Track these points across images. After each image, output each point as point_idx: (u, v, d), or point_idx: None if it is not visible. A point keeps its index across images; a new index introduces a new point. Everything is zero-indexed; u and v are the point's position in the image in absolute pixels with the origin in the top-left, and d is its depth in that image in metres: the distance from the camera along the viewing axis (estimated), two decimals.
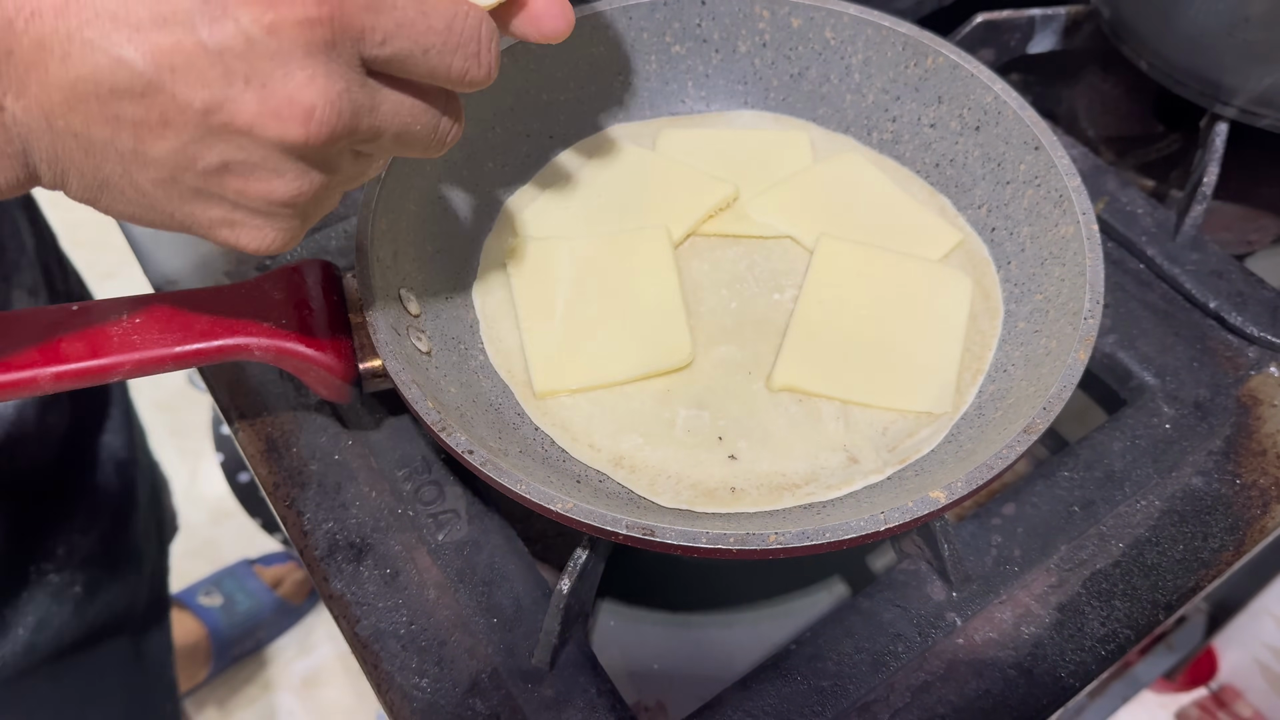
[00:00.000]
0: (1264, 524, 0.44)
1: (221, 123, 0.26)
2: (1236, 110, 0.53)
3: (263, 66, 0.26)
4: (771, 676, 0.40)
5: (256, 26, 0.25)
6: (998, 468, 0.35)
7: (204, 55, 0.25)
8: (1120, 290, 0.51)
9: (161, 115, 0.26)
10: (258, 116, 0.26)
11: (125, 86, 0.25)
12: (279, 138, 0.27)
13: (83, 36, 0.24)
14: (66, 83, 0.25)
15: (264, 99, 0.26)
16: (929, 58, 0.49)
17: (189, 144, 0.26)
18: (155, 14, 0.25)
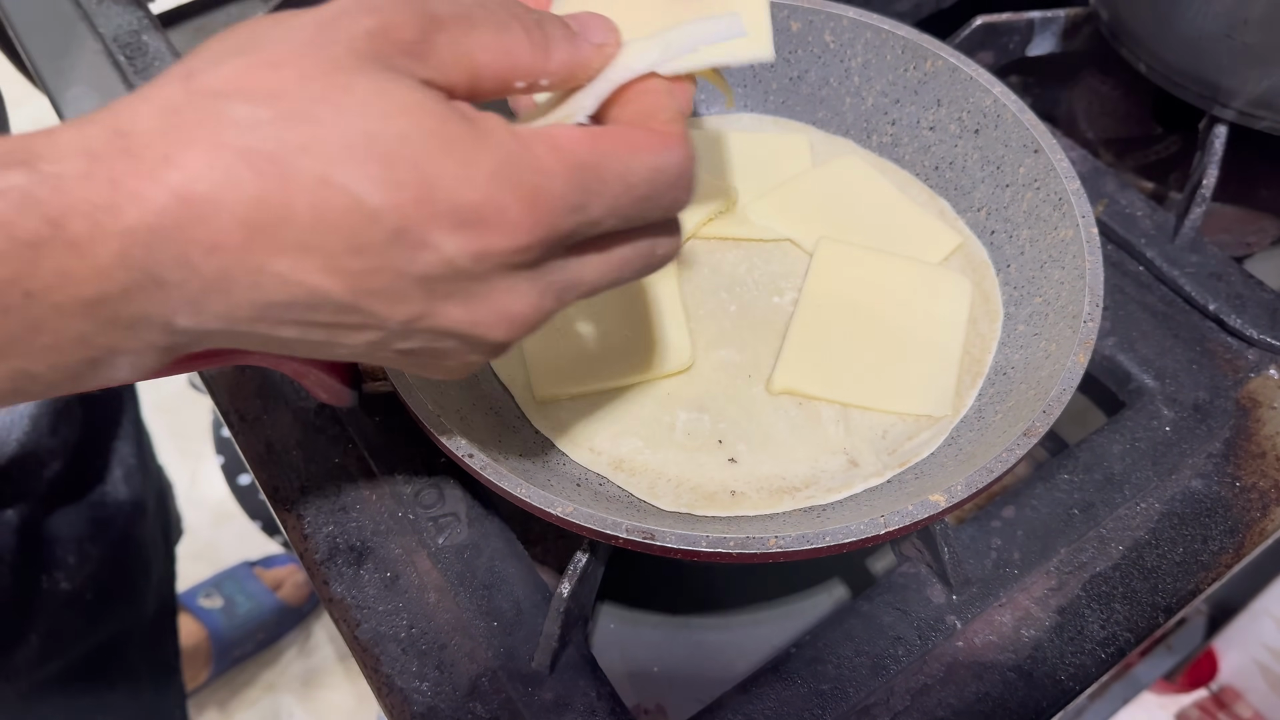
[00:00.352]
0: (1263, 526, 0.44)
1: (423, 328, 0.25)
2: (1235, 112, 0.53)
3: (467, 287, 0.24)
4: (771, 680, 0.40)
5: (463, 256, 0.24)
6: (997, 471, 0.35)
7: (404, 280, 0.24)
8: (1119, 293, 0.51)
9: (359, 323, 0.24)
10: (462, 323, 0.25)
11: (324, 306, 0.24)
12: (483, 340, 0.26)
13: (273, 269, 0.22)
14: (258, 305, 0.23)
15: (470, 311, 0.25)
16: (928, 61, 0.49)
17: (387, 340, 0.25)
18: (349, 244, 0.23)
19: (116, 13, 0.63)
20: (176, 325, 0.23)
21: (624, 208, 0.26)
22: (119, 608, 0.62)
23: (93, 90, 0.60)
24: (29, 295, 0.21)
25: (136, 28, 0.63)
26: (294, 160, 0.22)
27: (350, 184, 0.22)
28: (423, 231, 0.23)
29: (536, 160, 0.24)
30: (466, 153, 0.23)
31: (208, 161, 0.22)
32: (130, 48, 0.61)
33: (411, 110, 0.23)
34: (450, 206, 0.23)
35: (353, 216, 0.22)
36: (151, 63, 0.61)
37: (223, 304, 0.23)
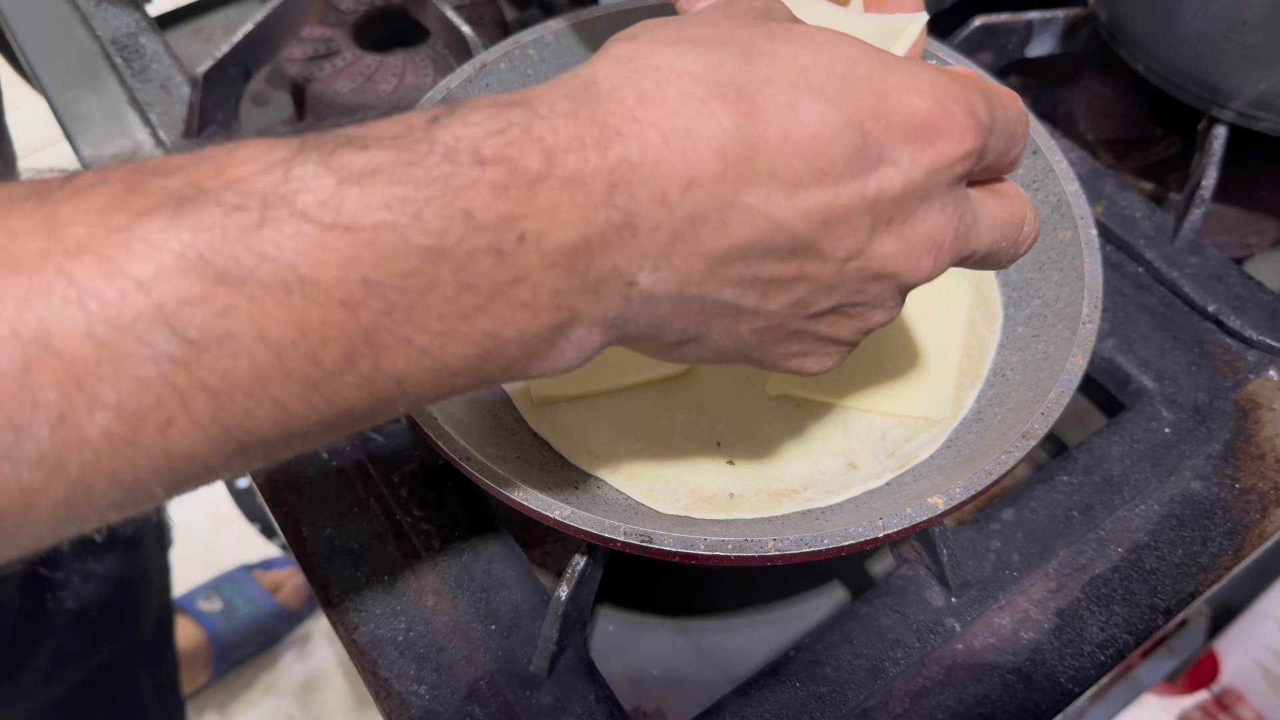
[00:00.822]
0: (1263, 528, 0.43)
1: (856, 268, 0.25)
2: (1234, 113, 0.53)
3: (909, 206, 0.25)
4: (770, 683, 0.40)
5: (916, 168, 0.24)
6: (996, 473, 0.35)
7: (859, 204, 0.24)
8: (1119, 294, 0.51)
9: (800, 269, 0.25)
10: (893, 258, 0.25)
11: (777, 247, 0.24)
12: (909, 275, 0.26)
13: (743, 202, 0.23)
14: (718, 251, 0.23)
15: (904, 239, 0.25)
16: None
17: (812, 293, 0.25)
18: (814, 168, 0.23)
19: (114, 15, 0.63)
20: (637, 285, 0.23)
21: (1009, 136, 0.27)
22: (123, 625, 0.62)
23: (90, 92, 0.60)
24: (521, 238, 0.20)
25: (134, 30, 0.63)
26: (761, 89, 0.23)
27: (815, 104, 0.23)
28: (881, 145, 0.24)
29: (956, 77, 0.26)
30: (904, 68, 0.25)
31: (680, 97, 0.22)
32: (128, 50, 0.61)
33: (844, 41, 0.25)
34: (904, 116, 0.24)
35: (819, 136, 0.23)
36: (149, 64, 0.61)
37: (686, 253, 0.23)
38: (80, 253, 0.17)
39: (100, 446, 0.17)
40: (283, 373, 0.19)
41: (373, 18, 0.68)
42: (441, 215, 0.20)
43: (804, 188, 0.23)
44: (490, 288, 0.21)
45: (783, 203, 0.23)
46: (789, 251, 0.24)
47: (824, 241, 0.24)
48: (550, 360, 0.23)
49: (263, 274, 0.18)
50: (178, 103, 0.58)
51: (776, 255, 0.24)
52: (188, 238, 0.18)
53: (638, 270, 0.23)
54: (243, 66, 0.59)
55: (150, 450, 0.18)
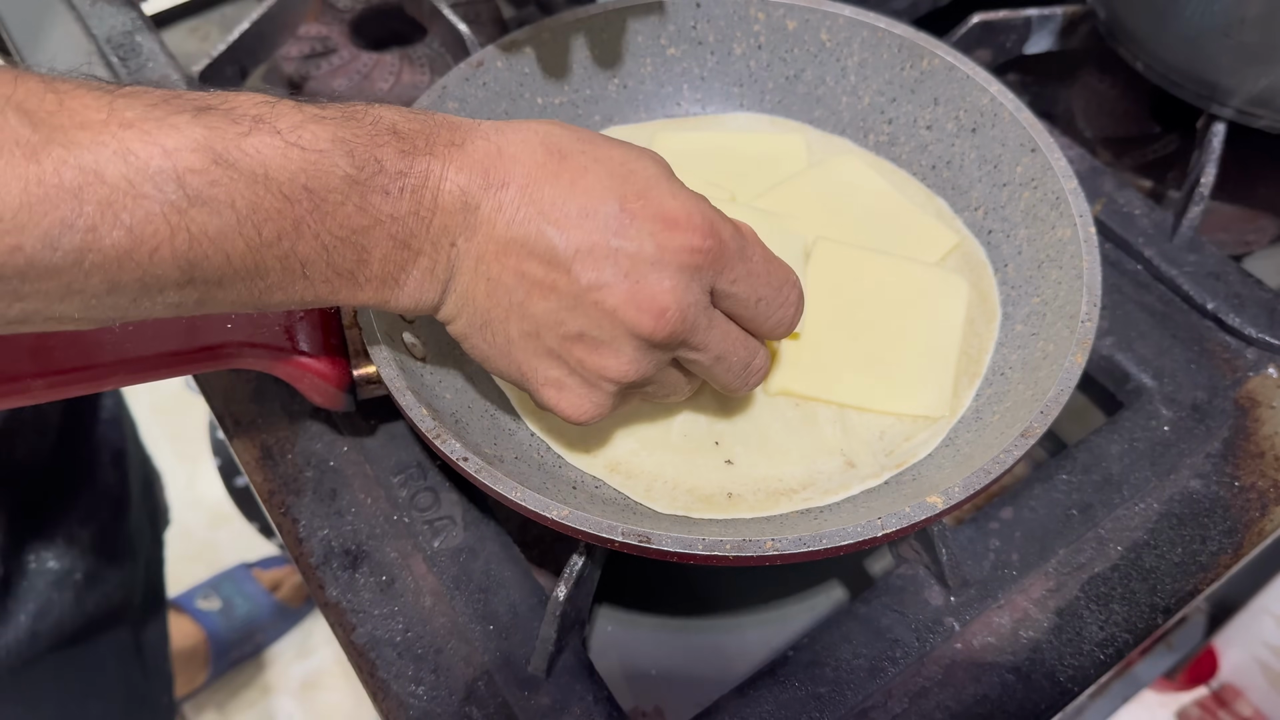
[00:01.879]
0: (1262, 526, 0.43)
1: (594, 300, 0.33)
2: (1233, 111, 0.53)
3: (642, 269, 0.33)
4: (769, 683, 0.40)
5: (652, 241, 0.33)
6: (995, 472, 0.35)
7: (605, 249, 0.32)
8: (1118, 292, 0.51)
9: (554, 280, 0.33)
10: (623, 302, 0.33)
11: (541, 252, 0.32)
12: (633, 324, 0.33)
13: (527, 213, 0.32)
14: (505, 239, 0.32)
15: (633, 291, 0.33)
16: (925, 59, 0.49)
17: (561, 309, 0.33)
18: (583, 211, 0.32)
19: (109, 13, 0.63)
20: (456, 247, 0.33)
21: (759, 283, 0.36)
22: (106, 590, 0.63)
23: None
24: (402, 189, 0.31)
25: (130, 28, 0.62)
26: (575, 154, 0.33)
27: (602, 174, 0.33)
28: (634, 216, 0.33)
29: (720, 213, 0.35)
30: (677, 187, 0.35)
31: (521, 140, 0.33)
32: (123, 49, 0.61)
33: (653, 161, 0.35)
34: (657, 207, 0.33)
35: (593, 193, 0.33)
36: (145, 63, 0.60)
37: (488, 234, 0.32)
38: (129, 126, 0.26)
39: (109, 253, 0.26)
40: (236, 233, 0.28)
41: (369, 16, 0.68)
42: (363, 157, 0.30)
43: (572, 219, 0.32)
44: (377, 216, 0.30)
45: (552, 226, 0.32)
46: (550, 260, 0.32)
47: (574, 264, 0.32)
48: (396, 290, 0.33)
49: (243, 165, 0.27)
50: None
51: (540, 259, 0.32)
52: (201, 132, 0.27)
53: (458, 235, 0.32)
54: (239, 65, 0.59)
55: (138, 264, 0.26)
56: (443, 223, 0.32)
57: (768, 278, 0.36)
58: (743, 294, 0.35)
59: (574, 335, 0.34)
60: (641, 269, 0.33)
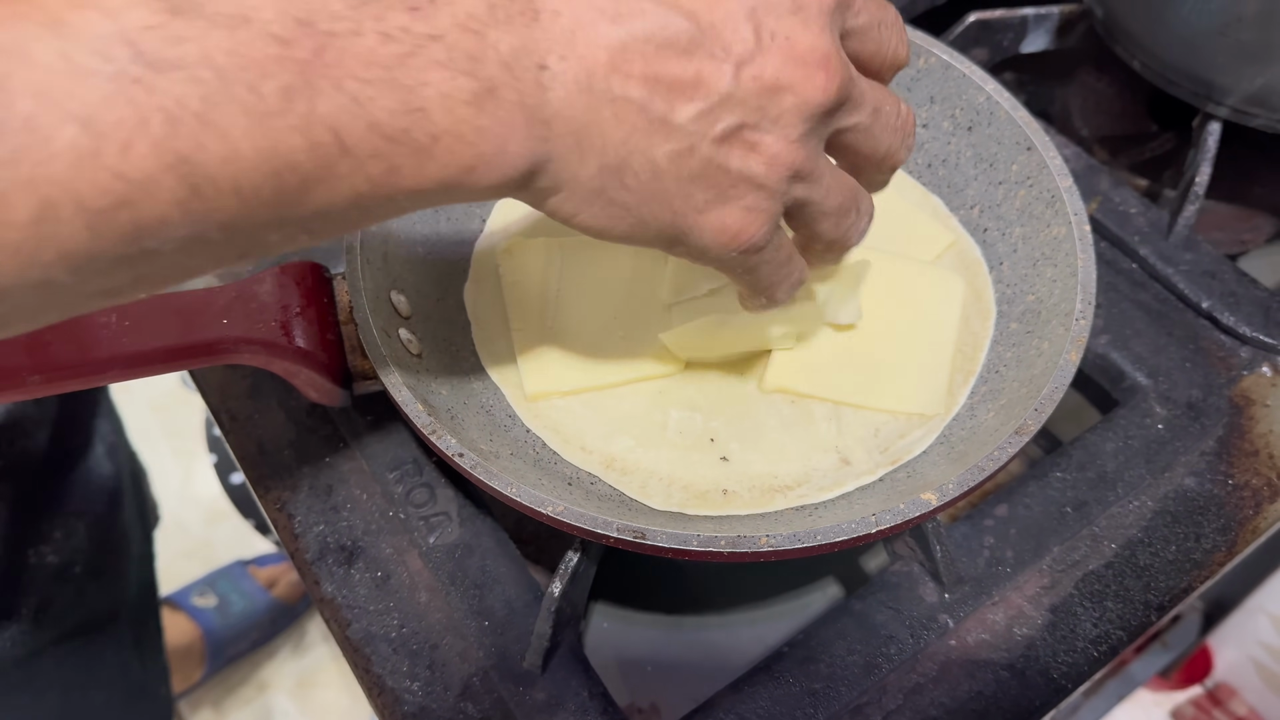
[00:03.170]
0: (1256, 524, 0.44)
1: (750, 76, 0.27)
2: (1229, 110, 0.53)
3: (786, 21, 0.27)
4: (764, 679, 0.40)
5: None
6: (990, 469, 0.35)
7: (738, 12, 0.27)
8: (1113, 290, 0.51)
9: (697, 72, 0.27)
10: (782, 66, 0.27)
11: (671, 41, 0.26)
12: (800, 88, 0.28)
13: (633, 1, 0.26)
14: (616, 40, 0.26)
15: (788, 49, 0.27)
16: (921, 58, 0.49)
17: (714, 106, 0.27)
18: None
19: None
20: (548, 69, 0.25)
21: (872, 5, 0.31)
22: (105, 583, 0.63)
23: None
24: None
25: None
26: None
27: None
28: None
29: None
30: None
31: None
32: None
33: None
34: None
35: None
36: None
37: (587, 40, 0.25)
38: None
39: (67, 160, 0.19)
40: (229, 101, 0.21)
41: None
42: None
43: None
44: (409, 40, 0.23)
45: (669, 3, 0.26)
46: (683, 47, 0.26)
47: (714, 42, 0.27)
48: (480, 150, 0.24)
49: (211, 9, 0.21)
50: None
51: (673, 51, 0.26)
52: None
53: (545, 52, 0.25)
54: None
55: (114, 172, 0.19)
56: (512, 39, 0.24)
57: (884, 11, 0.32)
58: (866, 23, 0.31)
59: (730, 132, 0.28)
60: (785, 23, 0.27)
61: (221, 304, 0.39)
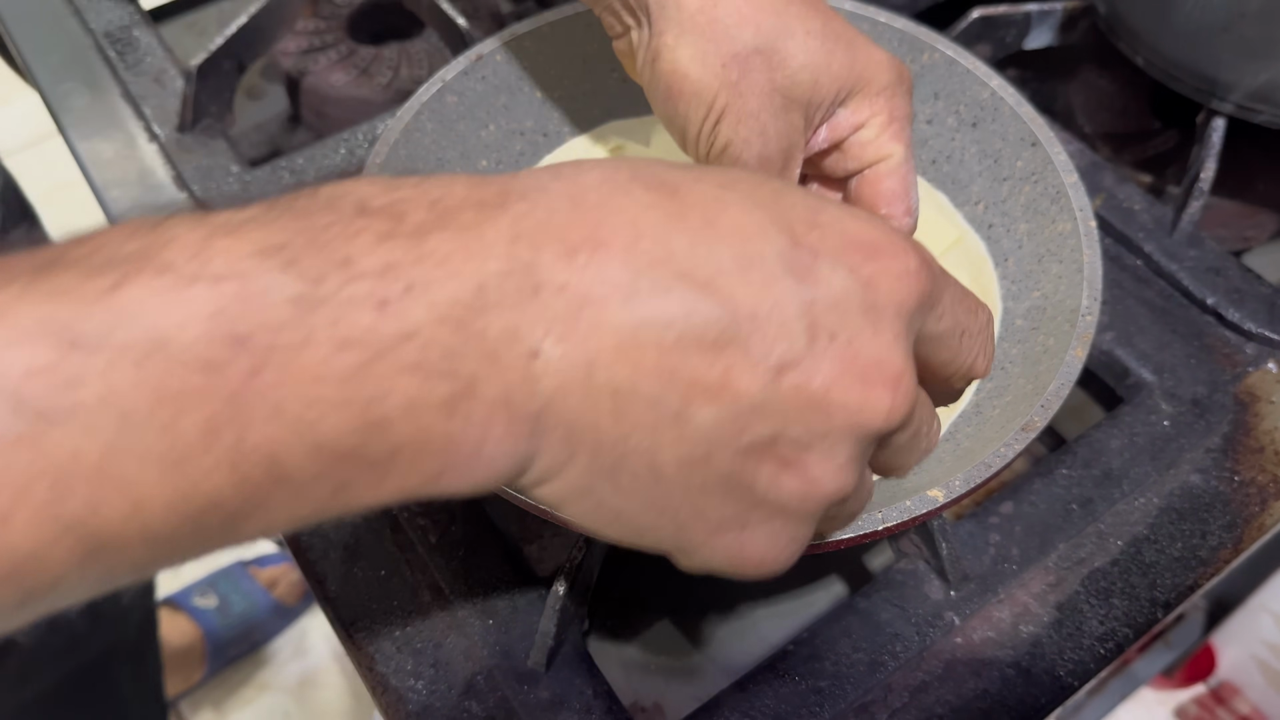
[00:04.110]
0: (1262, 521, 0.43)
1: (792, 385, 0.21)
2: (1233, 106, 0.53)
3: (851, 322, 0.22)
4: (769, 677, 0.39)
5: (854, 278, 0.22)
6: (995, 466, 0.35)
7: (791, 303, 0.21)
8: (1118, 287, 0.51)
9: (725, 372, 0.21)
10: (838, 378, 0.22)
11: (697, 332, 0.21)
12: (856, 408, 0.22)
13: (653, 276, 0.21)
14: (628, 325, 0.20)
15: (848, 358, 0.22)
16: (925, 53, 0.49)
17: (743, 411, 0.22)
18: (739, 256, 0.21)
19: (107, 8, 0.63)
20: (540, 355, 0.20)
21: (961, 306, 0.26)
22: (104, 625, 0.61)
23: (83, 86, 0.59)
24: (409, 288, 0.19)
25: (127, 23, 0.62)
26: (686, 184, 0.22)
27: (743, 200, 0.22)
28: (815, 251, 0.22)
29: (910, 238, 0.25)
30: (841, 204, 0.25)
31: (597, 180, 0.22)
32: (121, 43, 0.61)
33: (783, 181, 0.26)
34: (839, 230, 0.23)
35: (745, 227, 0.22)
36: (142, 58, 0.60)
37: (594, 321, 0.20)
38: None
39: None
40: (137, 449, 0.17)
41: (367, 10, 0.68)
42: (318, 260, 0.18)
43: (727, 274, 0.21)
44: (374, 344, 0.18)
45: (702, 284, 0.21)
46: (710, 342, 0.21)
47: (752, 337, 0.21)
48: (452, 459, 0.20)
49: (119, 337, 0.17)
50: (171, 96, 0.58)
51: (698, 345, 0.21)
52: (41, 307, 0.16)
53: (541, 337, 0.20)
54: (236, 60, 0.58)
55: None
56: (502, 320, 0.20)
57: (966, 301, 0.26)
58: (947, 330, 0.25)
59: (762, 445, 0.22)
60: (849, 322, 0.22)
61: None
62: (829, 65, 0.36)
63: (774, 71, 0.35)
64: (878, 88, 0.37)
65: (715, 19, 0.34)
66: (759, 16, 0.34)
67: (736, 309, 0.21)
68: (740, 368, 0.21)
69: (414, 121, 0.45)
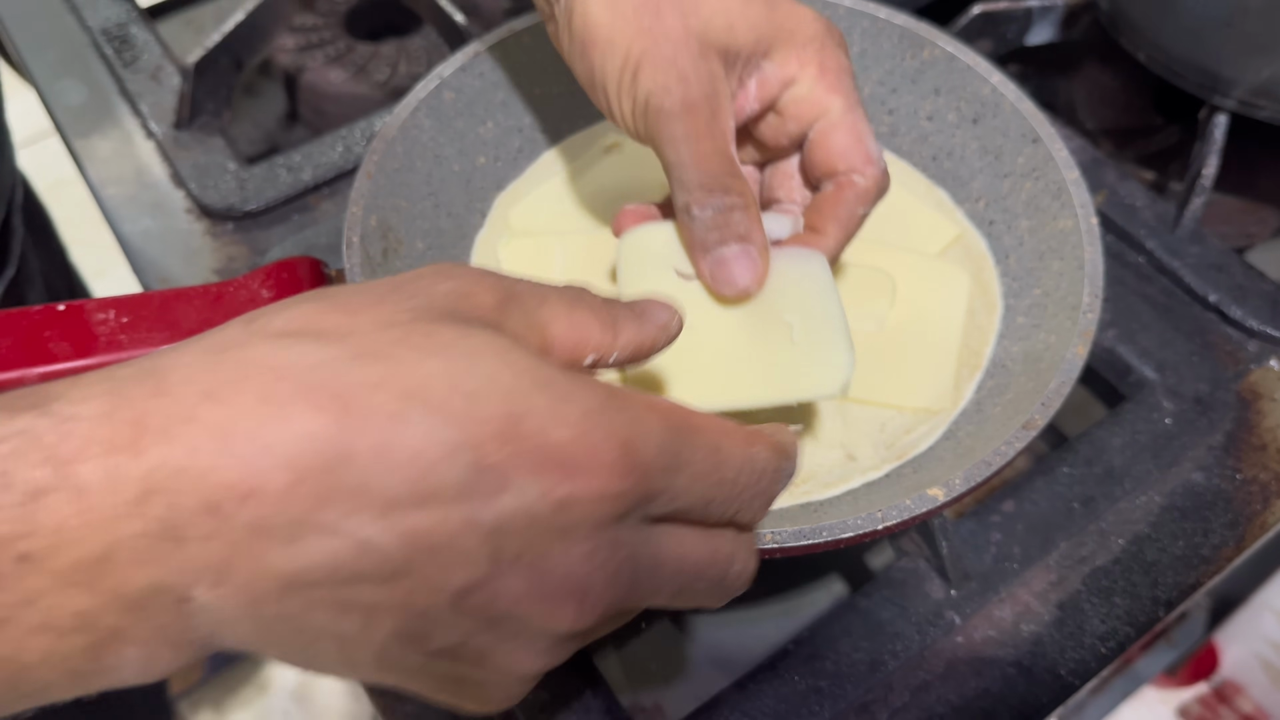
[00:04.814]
0: (1264, 519, 0.43)
1: (475, 605, 0.21)
2: (1236, 102, 0.52)
3: (538, 543, 0.21)
4: (769, 677, 0.39)
5: (544, 502, 0.21)
6: (996, 464, 0.35)
7: (472, 534, 0.20)
8: (1120, 284, 0.50)
9: (404, 599, 0.20)
10: (521, 600, 0.21)
11: (367, 573, 0.20)
12: (545, 623, 0.22)
13: (318, 519, 0.19)
14: (289, 571, 0.19)
15: (534, 580, 0.21)
16: (926, 49, 0.48)
17: (427, 625, 0.21)
18: (415, 487, 0.20)
19: (104, 5, 0.63)
20: (194, 600, 0.19)
21: (710, 484, 0.24)
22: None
23: (80, 83, 0.59)
24: (23, 559, 0.18)
25: (124, 20, 0.62)
26: (362, 396, 0.20)
27: (426, 418, 0.20)
28: (504, 473, 0.20)
29: (633, 410, 0.22)
30: (559, 392, 0.21)
31: (257, 398, 0.19)
32: (118, 40, 0.61)
33: (501, 352, 0.22)
34: (537, 444, 0.21)
35: (425, 454, 0.20)
36: (139, 55, 0.60)
37: (251, 570, 0.19)
38: None
39: None
40: None
41: (365, 7, 0.68)
42: None
43: (401, 508, 0.20)
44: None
45: (372, 523, 0.20)
46: (386, 577, 0.20)
47: (429, 569, 0.20)
48: (108, 678, 0.20)
49: None
50: (168, 93, 0.58)
51: (371, 580, 0.20)
52: None
53: (191, 585, 0.19)
54: (234, 56, 0.58)
55: None
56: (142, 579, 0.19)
57: (719, 473, 0.24)
58: (686, 506, 0.24)
59: (451, 649, 0.22)
60: (541, 544, 0.21)
61: (221, 299, 0.39)
62: (745, 12, 0.35)
63: (687, 17, 0.34)
64: (803, 39, 0.36)
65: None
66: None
67: (414, 544, 0.20)
68: (421, 594, 0.20)
69: (411, 118, 0.45)
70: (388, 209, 0.43)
